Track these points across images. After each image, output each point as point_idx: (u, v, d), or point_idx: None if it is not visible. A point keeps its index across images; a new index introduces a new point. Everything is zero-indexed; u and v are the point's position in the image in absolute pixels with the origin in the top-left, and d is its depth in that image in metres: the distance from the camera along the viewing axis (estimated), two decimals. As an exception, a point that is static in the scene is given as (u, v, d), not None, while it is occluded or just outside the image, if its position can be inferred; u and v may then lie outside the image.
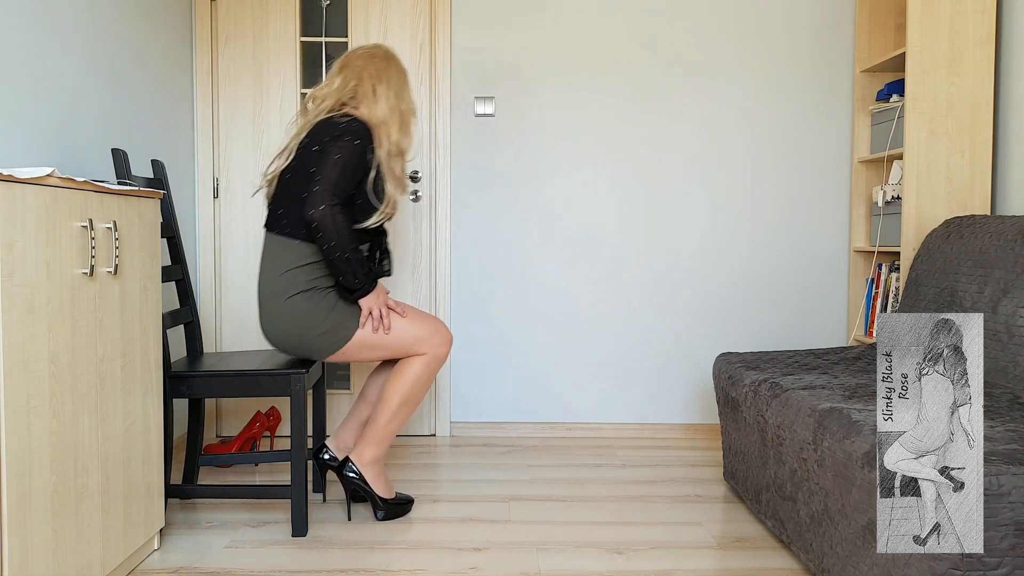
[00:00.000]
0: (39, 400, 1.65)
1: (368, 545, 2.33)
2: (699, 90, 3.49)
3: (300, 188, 2.41)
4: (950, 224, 2.75)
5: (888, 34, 3.38)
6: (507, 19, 3.47)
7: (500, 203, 3.51)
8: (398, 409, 2.47)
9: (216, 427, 3.52)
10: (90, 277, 1.85)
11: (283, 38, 3.43)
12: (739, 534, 2.42)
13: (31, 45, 2.21)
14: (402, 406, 2.48)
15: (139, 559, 2.20)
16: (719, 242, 3.53)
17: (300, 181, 2.41)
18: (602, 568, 2.18)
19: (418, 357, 2.48)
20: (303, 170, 2.41)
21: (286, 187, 2.44)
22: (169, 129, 3.17)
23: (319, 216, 2.30)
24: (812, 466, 2.01)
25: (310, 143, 2.42)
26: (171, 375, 2.42)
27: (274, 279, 2.41)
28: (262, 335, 2.51)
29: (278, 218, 2.44)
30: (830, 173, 3.53)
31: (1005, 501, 1.46)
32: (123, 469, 2.03)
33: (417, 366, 2.48)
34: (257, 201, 3.45)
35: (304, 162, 2.42)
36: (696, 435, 3.55)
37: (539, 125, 3.50)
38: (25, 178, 1.59)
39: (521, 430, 3.56)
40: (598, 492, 2.80)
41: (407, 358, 2.49)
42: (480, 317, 3.54)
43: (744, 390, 2.49)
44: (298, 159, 2.43)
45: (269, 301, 2.42)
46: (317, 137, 2.41)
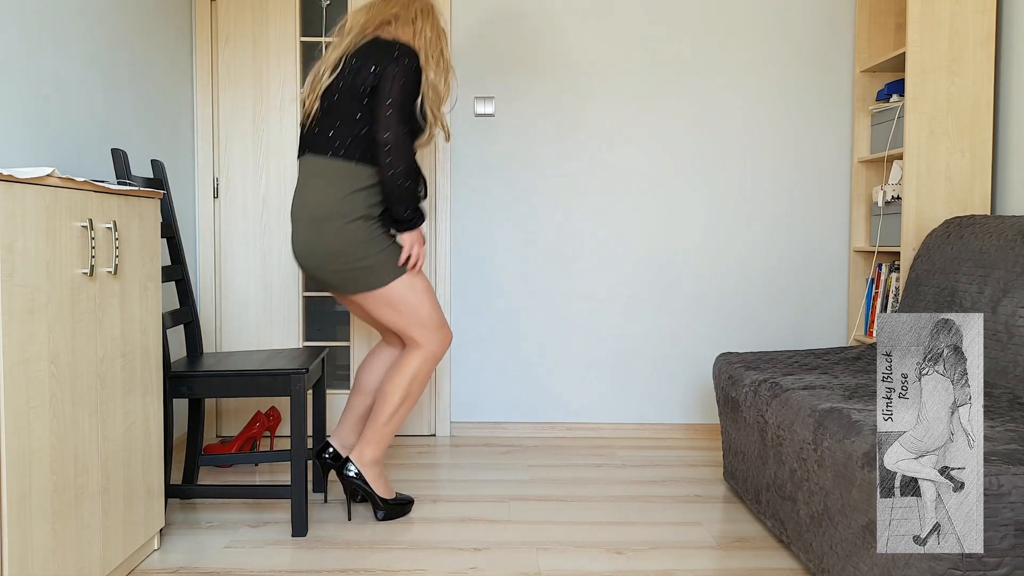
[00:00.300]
0: (39, 400, 1.65)
1: (368, 545, 2.34)
2: (699, 90, 3.49)
3: (352, 108, 2.36)
4: (950, 224, 2.75)
5: (888, 34, 3.38)
6: (507, 19, 3.47)
7: (500, 203, 3.51)
8: (398, 407, 2.47)
9: (216, 427, 3.52)
10: (90, 277, 1.85)
11: (283, 38, 3.43)
12: (739, 534, 2.42)
13: (31, 45, 2.21)
14: (402, 403, 2.47)
15: (139, 559, 2.20)
16: (719, 242, 3.53)
17: (351, 101, 2.36)
18: (602, 568, 2.18)
19: (416, 352, 2.47)
20: (355, 89, 2.36)
21: (335, 107, 2.38)
22: (169, 129, 3.17)
23: (393, 140, 2.30)
24: (812, 466, 2.01)
25: (364, 62, 2.36)
26: (171, 375, 2.42)
27: (337, 200, 2.35)
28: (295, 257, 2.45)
29: (330, 140, 2.37)
30: (830, 173, 3.53)
31: (1005, 501, 1.46)
32: (123, 469, 2.03)
33: (416, 362, 2.47)
34: (257, 201, 3.45)
35: (357, 81, 2.36)
36: (696, 435, 3.55)
37: (539, 125, 3.50)
38: (25, 178, 1.59)
39: (521, 430, 3.56)
40: (598, 492, 2.80)
41: (406, 355, 2.49)
42: (480, 317, 3.54)
43: (744, 390, 2.49)
44: (351, 77, 2.37)
45: (325, 222, 2.35)
46: (372, 57, 2.36)
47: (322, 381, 2.81)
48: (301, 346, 3.33)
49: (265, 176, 3.45)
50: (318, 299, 3.59)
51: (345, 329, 3.58)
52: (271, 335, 3.49)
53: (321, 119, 2.41)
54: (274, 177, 3.46)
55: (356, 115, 2.37)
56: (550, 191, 3.51)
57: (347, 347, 3.56)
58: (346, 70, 2.39)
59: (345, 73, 2.39)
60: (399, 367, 2.48)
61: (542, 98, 3.49)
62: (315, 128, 2.42)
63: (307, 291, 3.53)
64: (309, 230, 2.39)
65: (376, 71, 2.35)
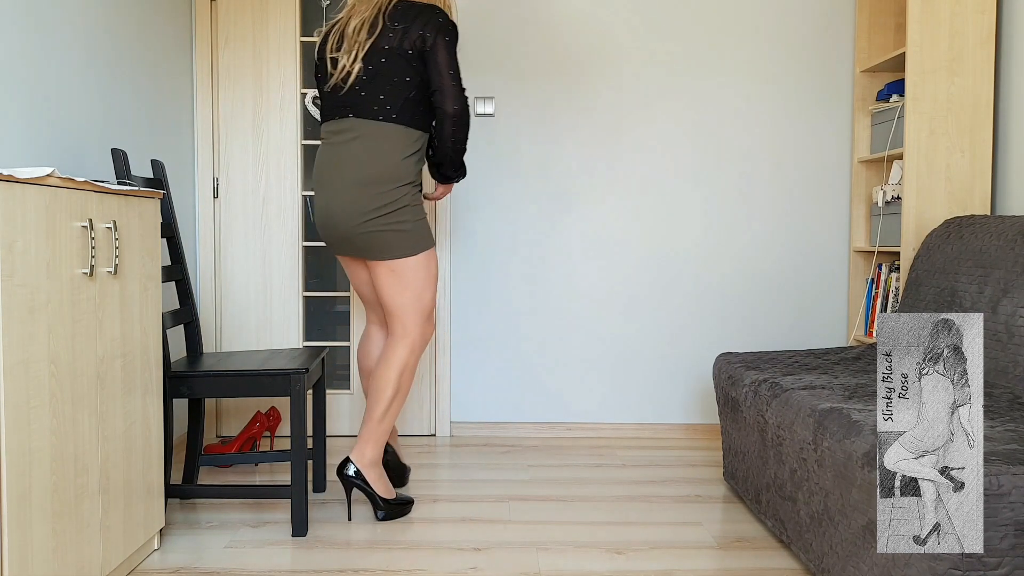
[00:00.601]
0: (39, 400, 1.65)
1: (368, 545, 2.34)
2: (699, 90, 3.50)
3: (402, 71, 2.37)
4: (950, 224, 2.75)
5: (888, 34, 3.38)
6: (508, 19, 3.47)
7: (500, 203, 3.51)
8: (391, 401, 2.48)
9: (216, 427, 3.52)
10: (90, 277, 1.85)
11: (283, 38, 3.43)
12: (739, 534, 2.42)
13: (31, 45, 2.21)
14: (394, 397, 2.48)
15: (139, 559, 2.20)
16: (719, 242, 3.53)
17: (401, 64, 2.36)
18: (602, 568, 2.18)
19: (402, 343, 2.48)
20: (403, 52, 2.35)
21: (383, 70, 2.37)
22: (169, 129, 3.17)
23: (460, 112, 2.38)
24: (812, 466, 2.01)
25: (410, 24, 2.36)
26: (171, 375, 2.42)
27: (392, 164, 2.37)
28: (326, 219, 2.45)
29: (381, 103, 2.38)
30: (830, 173, 3.53)
31: (1005, 501, 1.46)
32: (123, 469, 2.03)
33: (403, 353, 2.48)
34: (257, 201, 3.45)
35: (404, 44, 2.35)
36: (696, 435, 3.55)
37: (539, 125, 3.50)
38: (25, 178, 1.59)
39: (521, 430, 3.56)
40: (598, 492, 2.80)
41: (392, 347, 2.49)
42: (480, 316, 3.54)
43: (744, 390, 2.49)
44: (397, 39, 2.36)
45: (376, 184, 2.36)
46: (418, 20, 2.37)
47: (322, 381, 2.81)
48: (301, 346, 3.34)
49: (265, 176, 3.45)
50: (318, 299, 3.59)
51: (345, 329, 3.58)
52: (271, 335, 3.49)
53: (367, 82, 2.38)
54: (274, 177, 3.46)
55: (406, 78, 2.38)
56: (550, 191, 3.51)
57: (347, 347, 3.56)
58: (388, 31, 2.37)
59: (388, 34, 2.37)
60: (387, 361, 2.48)
61: (542, 98, 3.49)
62: (360, 91, 2.39)
63: (307, 291, 3.53)
64: (356, 191, 2.37)
65: (424, 36, 2.36)
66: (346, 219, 2.40)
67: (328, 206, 2.43)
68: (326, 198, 2.43)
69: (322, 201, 2.44)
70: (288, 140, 3.45)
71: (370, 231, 2.39)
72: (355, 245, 2.44)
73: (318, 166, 2.47)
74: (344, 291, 3.54)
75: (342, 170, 2.40)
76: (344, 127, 2.42)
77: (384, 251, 2.42)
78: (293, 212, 3.46)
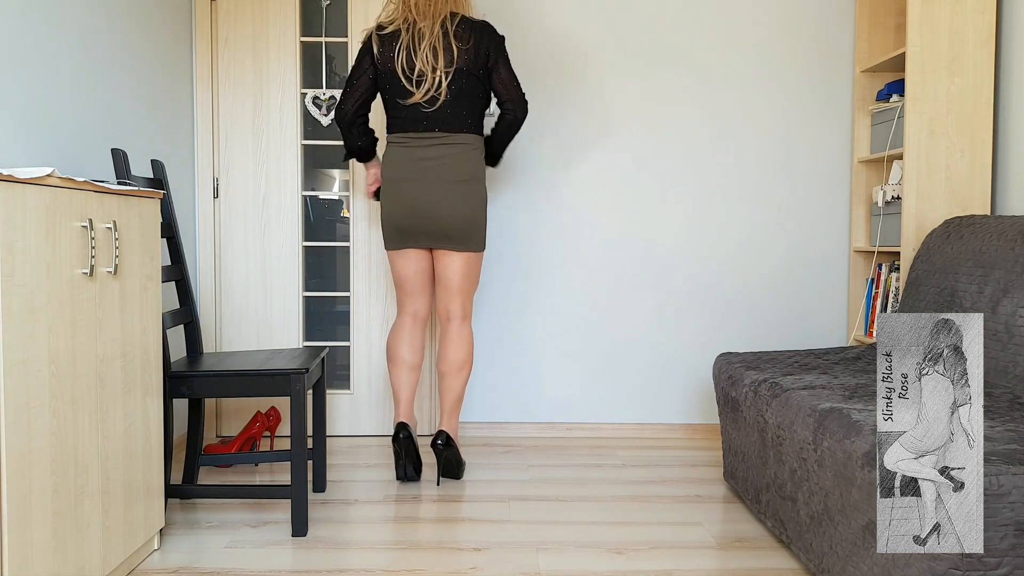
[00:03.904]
0: (39, 400, 1.65)
1: (368, 545, 2.34)
2: (699, 90, 3.50)
3: (478, 90, 2.75)
4: (950, 224, 2.75)
5: (888, 34, 3.38)
6: (508, 19, 3.47)
7: (500, 202, 3.51)
8: (469, 375, 2.93)
9: (216, 427, 3.52)
10: (90, 277, 1.85)
11: (283, 38, 3.43)
12: (739, 534, 2.42)
13: (31, 45, 2.21)
14: (469, 372, 2.91)
15: (139, 559, 2.20)
16: (719, 242, 3.53)
17: (476, 83, 2.74)
18: (602, 568, 2.18)
19: (466, 323, 2.88)
20: (476, 71, 2.72)
21: (464, 91, 2.73)
22: (169, 129, 3.17)
23: (525, 114, 2.82)
24: (812, 466, 2.01)
25: (476, 46, 2.71)
26: (171, 375, 2.42)
27: (475, 164, 2.77)
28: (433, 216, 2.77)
29: (463, 119, 2.74)
30: (830, 173, 3.53)
31: (1005, 501, 1.46)
32: (123, 469, 2.03)
33: (469, 333, 2.90)
34: (257, 201, 3.45)
35: (477, 64, 2.72)
36: (696, 435, 3.55)
37: (539, 125, 3.50)
38: (25, 178, 1.59)
39: (521, 430, 3.56)
40: (598, 492, 2.80)
41: (462, 328, 2.87)
42: (480, 316, 3.54)
43: (744, 390, 2.49)
44: (468, 60, 2.71)
45: (471, 182, 2.75)
46: (482, 40, 2.72)
47: (322, 381, 2.81)
48: (301, 346, 3.34)
49: (265, 176, 3.45)
50: (318, 299, 3.59)
51: (345, 329, 3.58)
52: (271, 335, 3.49)
53: (452, 101, 2.73)
54: (274, 177, 3.46)
55: (479, 94, 2.77)
56: (551, 190, 3.51)
57: (347, 347, 3.56)
58: (463, 53, 2.70)
59: (464, 56, 2.71)
60: (460, 343, 2.87)
61: (542, 98, 3.49)
62: (447, 109, 2.73)
63: (307, 291, 3.53)
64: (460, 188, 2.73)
65: (489, 55, 2.74)
66: (452, 212, 2.74)
67: (429, 201, 2.73)
68: (417, 193, 2.74)
69: (413, 195, 2.74)
70: (288, 140, 3.45)
71: (471, 222, 2.76)
72: (449, 236, 2.77)
73: (399, 166, 2.76)
74: (344, 291, 3.54)
75: (438, 171, 2.73)
76: (431, 139, 2.75)
77: (473, 243, 2.80)
78: (293, 212, 3.46)
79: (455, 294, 2.84)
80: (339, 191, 3.60)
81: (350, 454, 3.26)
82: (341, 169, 3.59)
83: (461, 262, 2.81)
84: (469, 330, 2.90)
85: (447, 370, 2.89)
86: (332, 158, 3.59)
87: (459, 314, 2.87)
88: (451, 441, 2.81)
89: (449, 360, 2.88)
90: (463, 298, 2.85)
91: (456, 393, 2.89)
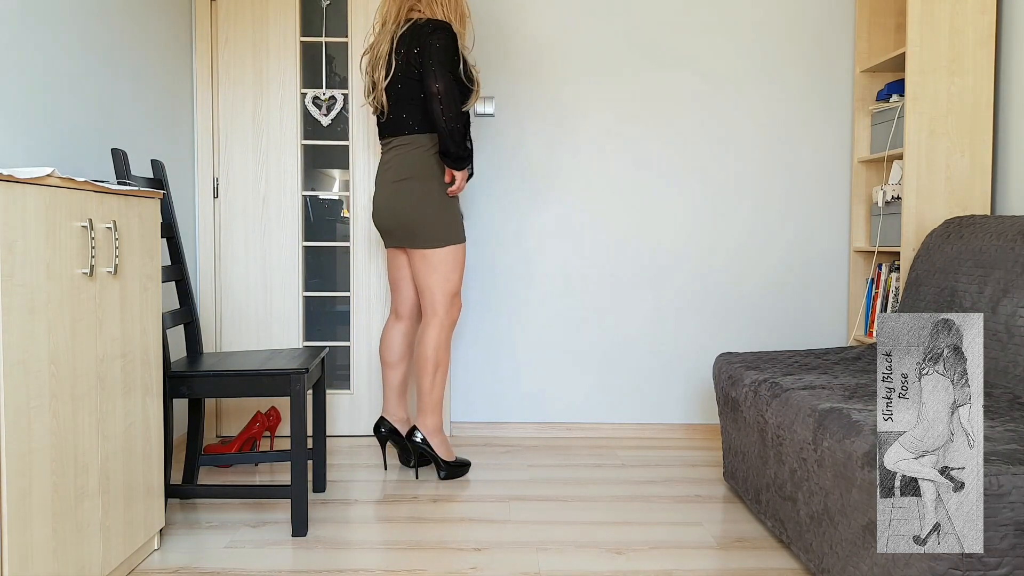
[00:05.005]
0: (39, 400, 1.65)
1: (368, 545, 2.34)
2: (699, 90, 3.49)
3: (413, 92, 2.79)
4: (950, 224, 2.75)
5: (888, 34, 3.38)
6: (508, 20, 3.47)
7: (501, 203, 3.51)
8: (434, 374, 2.88)
9: (216, 427, 3.52)
10: (90, 277, 1.85)
11: (283, 38, 3.43)
12: (739, 534, 2.42)
13: (31, 45, 2.21)
14: (436, 370, 2.88)
15: (139, 559, 2.20)
16: (718, 242, 3.53)
17: (411, 86, 2.78)
18: (602, 568, 2.18)
19: (432, 323, 2.87)
20: (410, 75, 2.77)
21: (401, 96, 2.80)
22: (169, 129, 3.17)
23: (443, 89, 2.70)
24: (812, 466, 2.01)
25: (409, 48, 2.76)
26: (171, 375, 2.42)
27: (413, 163, 2.82)
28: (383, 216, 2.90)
29: (403, 121, 2.82)
30: (830, 173, 3.53)
31: (1005, 501, 1.46)
32: (123, 469, 2.03)
33: (433, 332, 2.88)
34: (257, 201, 3.45)
35: (410, 68, 2.76)
36: (696, 435, 3.55)
37: (539, 125, 3.50)
38: (25, 178, 1.59)
39: (521, 430, 3.56)
40: (598, 492, 2.80)
41: (424, 329, 2.88)
42: (480, 316, 3.54)
43: (744, 390, 2.49)
44: (403, 66, 2.77)
45: (408, 180, 2.81)
46: (415, 40, 2.75)
47: (322, 381, 2.81)
48: (301, 346, 3.34)
49: (265, 176, 3.45)
50: (318, 299, 3.59)
51: (345, 329, 3.58)
52: (271, 335, 3.49)
53: (393, 108, 2.83)
54: (274, 177, 3.46)
55: (420, 94, 2.79)
56: (551, 191, 3.51)
57: (347, 347, 3.56)
58: (399, 60, 2.78)
59: (399, 63, 2.78)
60: (422, 341, 2.88)
61: (542, 98, 3.49)
62: (391, 116, 2.85)
63: (307, 291, 3.53)
64: (396, 187, 2.83)
65: (418, 52, 2.74)
66: (396, 210, 2.83)
67: (379, 204, 2.89)
68: (376, 196, 2.91)
69: (375, 199, 2.92)
70: (288, 140, 3.45)
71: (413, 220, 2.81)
72: (400, 235, 2.86)
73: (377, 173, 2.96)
74: (344, 291, 3.54)
75: (384, 174, 2.88)
76: (385, 145, 2.91)
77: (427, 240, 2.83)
78: (293, 212, 3.46)
79: (421, 291, 2.90)
80: (339, 191, 3.60)
81: (350, 454, 3.26)
82: (341, 169, 3.59)
83: (417, 259, 2.87)
84: (436, 328, 2.88)
85: (415, 367, 3.02)
86: (332, 158, 3.58)
87: (428, 311, 2.89)
88: (415, 435, 2.89)
89: (414, 357, 3.02)
90: (428, 295, 2.87)
91: (421, 389, 2.91)
